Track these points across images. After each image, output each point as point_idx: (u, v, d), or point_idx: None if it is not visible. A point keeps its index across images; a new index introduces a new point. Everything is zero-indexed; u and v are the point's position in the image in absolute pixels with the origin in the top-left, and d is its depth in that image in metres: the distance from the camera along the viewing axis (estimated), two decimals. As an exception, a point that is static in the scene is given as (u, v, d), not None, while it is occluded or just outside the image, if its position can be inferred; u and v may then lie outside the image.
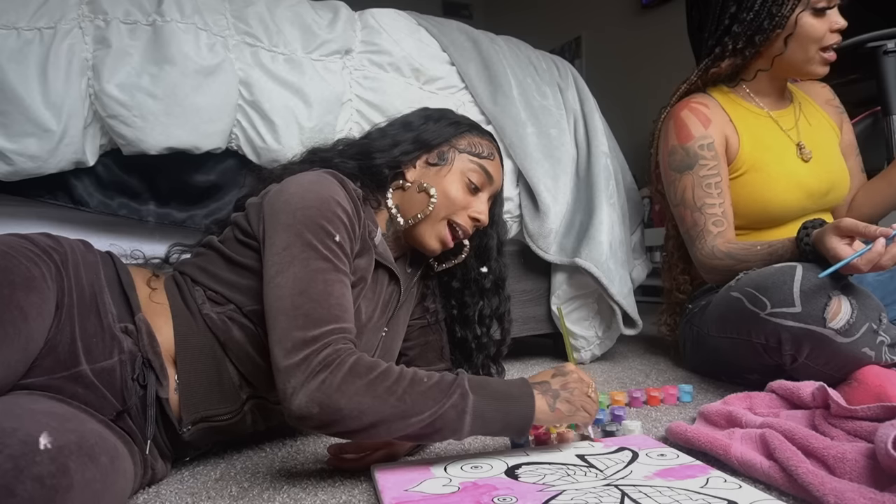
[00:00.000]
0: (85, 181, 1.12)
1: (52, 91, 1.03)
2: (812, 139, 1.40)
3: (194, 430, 0.81)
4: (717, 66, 1.39)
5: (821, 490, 0.64)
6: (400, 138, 1.00)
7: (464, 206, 0.98)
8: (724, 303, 1.21)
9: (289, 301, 0.73)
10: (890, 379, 0.95)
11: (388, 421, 0.69)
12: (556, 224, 1.47)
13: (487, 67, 1.47)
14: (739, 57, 1.36)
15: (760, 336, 1.10)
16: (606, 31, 4.04)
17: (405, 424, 0.70)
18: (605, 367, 1.54)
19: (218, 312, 0.83)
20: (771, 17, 1.29)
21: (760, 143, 1.37)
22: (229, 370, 0.83)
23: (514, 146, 1.44)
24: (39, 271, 0.71)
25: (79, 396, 0.71)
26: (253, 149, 1.20)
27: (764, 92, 1.42)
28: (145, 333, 0.78)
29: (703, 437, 0.81)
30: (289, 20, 1.26)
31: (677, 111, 1.40)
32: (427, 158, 0.99)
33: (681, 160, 1.36)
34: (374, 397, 0.69)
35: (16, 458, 0.52)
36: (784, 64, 1.34)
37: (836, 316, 1.00)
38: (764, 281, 1.09)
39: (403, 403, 0.69)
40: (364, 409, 0.69)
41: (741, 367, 1.22)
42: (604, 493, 0.67)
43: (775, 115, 1.41)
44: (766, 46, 1.33)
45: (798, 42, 1.30)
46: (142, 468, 0.75)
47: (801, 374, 1.09)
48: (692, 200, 1.33)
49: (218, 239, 0.90)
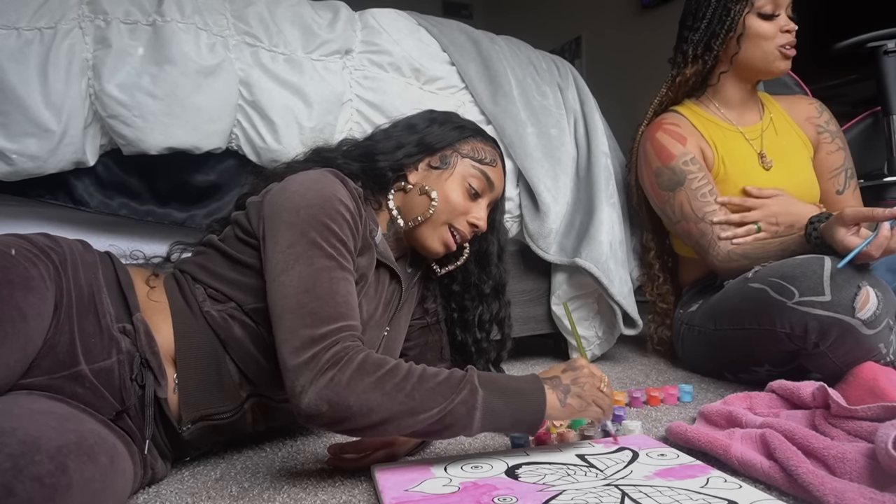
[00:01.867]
0: (85, 181, 1.12)
1: (53, 91, 1.03)
2: (775, 149, 1.44)
3: (194, 429, 0.81)
4: (683, 74, 1.46)
5: (821, 490, 0.65)
6: (404, 141, 0.99)
7: (463, 212, 0.98)
8: (740, 295, 1.22)
9: (294, 300, 0.73)
10: (884, 374, 0.96)
11: (397, 418, 0.69)
12: (557, 224, 1.47)
13: (488, 67, 1.47)
14: (700, 62, 1.44)
15: (786, 325, 1.10)
16: (606, 31, 4.04)
17: (414, 421, 0.70)
18: (605, 367, 1.54)
19: (218, 310, 0.82)
20: (721, 22, 1.38)
21: (728, 155, 1.42)
22: (229, 368, 0.83)
23: (514, 146, 1.44)
24: (38, 271, 0.71)
25: (78, 396, 0.71)
26: (253, 149, 1.20)
27: (731, 101, 1.47)
28: (143, 333, 0.77)
29: (703, 437, 0.81)
30: (289, 20, 1.26)
31: (651, 134, 1.46)
32: (429, 161, 0.99)
33: (669, 179, 1.40)
34: (383, 394, 0.69)
35: (15, 458, 0.52)
36: (744, 63, 1.41)
37: (865, 306, 1.01)
38: (792, 271, 1.09)
39: (412, 400, 0.69)
40: (373, 406, 0.69)
41: (751, 359, 1.23)
42: (604, 493, 0.67)
43: (742, 129, 1.46)
44: (723, 50, 1.41)
45: (751, 42, 1.37)
46: (141, 468, 0.75)
47: (814, 364, 1.12)
48: (692, 213, 1.36)
49: (218, 237, 0.90)
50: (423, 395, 0.70)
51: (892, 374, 0.96)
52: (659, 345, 1.59)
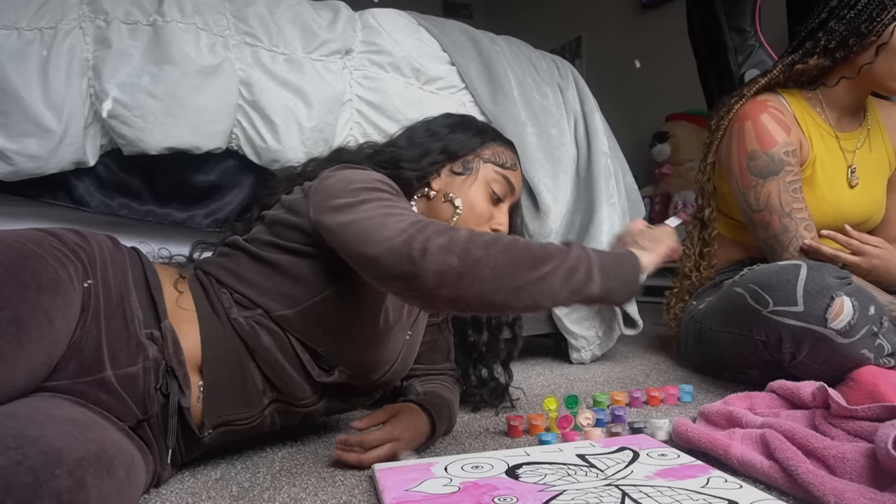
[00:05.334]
0: (85, 181, 1.12)
1: (53, 91, 1.03)
2: (865, 166, 1.37)
3: (214, 434, 0.80)
4: (805, 62, 1.33)
5: (821, 490, 0.65)
6: (429, 148, 0.98)
7: (488, 219, 0.97)
8: (727, 298, 1.22)
9: (371, 221, 0.72)
10: (885, 377, 0.96)
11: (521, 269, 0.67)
12: (557, 224, 1.47)
13: (488, 67, 1.47)
14: (829, 58, 1.30)
15: (761, 333, 1.11)
16: (606, 31, 4.04)
17: (541, 274, 0.67)
18: (605, 367, 1.54)
19: (246, 317, 0.80)
20: (870, 20, 1.24)
21: (821, 158, 1.34)
22: (254, 375, 0.81)
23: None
24: (67, 273, 0.69)
25: (101, 402, 0.69)
26: (253, 149, 1.20)
27: (838, 104, 1.36)
28: (171, 342, 0.76)
29: (703, 437, 0.81)
30: (289, 20, 1.26)
31: (754, 114, 1.32)
32: (452, 167, 0.98)
33: (764, 165, 1.30)
34: (500, 250, 0.67)
35: (36, 472, 0.51)
36: (869, 75, 1.29)
37: (838, 317, 1.00)
38: (768, 279, 1.09)
39: (531, 252, 0.68)
40: (498, 261, 0.66)
41: (741, 362, 1.23)
42: (604, 493, 0.67)
43: (840, 135, 1.37)
44: (857, 52, 1.27)
45: (889, 54, 1.24)
46: (152, 475, 0.75)
47: (800, 372, 1.10)
48: (779, 206, 1.29)
49: (244, 238, 0.87)
50: (535, 250, 0.69)
51: (894, 377, 0.96)
52: (673, 320, 1.55)
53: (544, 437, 0.91)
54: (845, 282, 1.04)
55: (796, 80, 1.39)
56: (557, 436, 0.92)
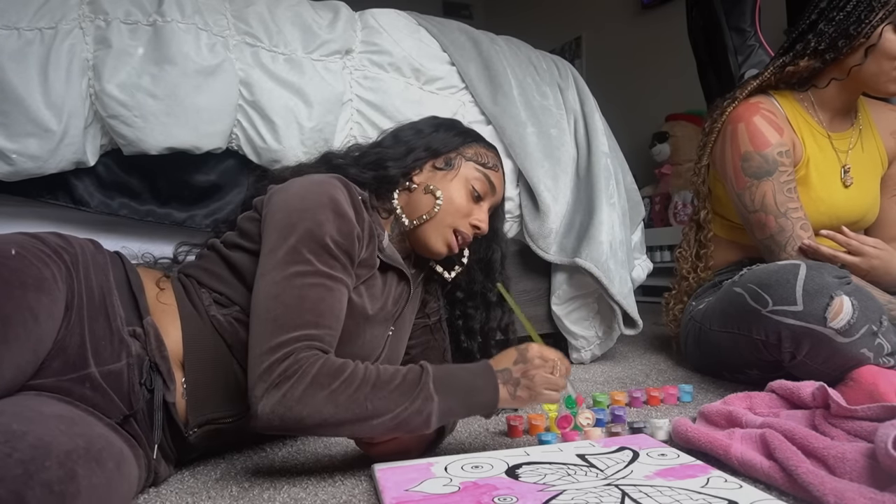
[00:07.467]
0: (85, 181, 1.12)
1: (53, 91, 1.03)
2: (859, 167, 1.37)
3: (200, 433, 0.81)
4: (796, 64, 1.34)
5: (821, 490, 0.65)
6: (413, 145, 1.02)
7: (466, 214, 1.00)
8: (727, 298, 1.22)
9: (262, 305, 0.75)
10: (884, 377, 0.96)
11: (350, 423, 0.72)
12: (557, 224, 1.47)
13: (488, 67, 1.47)
14: (819, 60, 1.31)
15: (761, 332, 1.11)
16: (606, 31, 4.04)
17: (369, 426, 0.73)
18: (605, 367, 1.54)
19: (224, 314, 0.83)
20: (858, 22, 1.24)
21: (814, 159, 1.35)
22: (236, 372, 0.83)
23: (514, 146, 1.44)
24: (50, 272, 0.70)
25: (87, 399, 0.70)
26: (253, 149, 1.20)
27: (829, 105, 1.37)
28: (153, 337, 0.77)
29: (703, 436, 0.81)
30: (289, 20, 1.26)
31: (747, 115, 1.33)
32: (434, 163, 1.02)
33: (758, 166, 1.31)
34: (337, 406, 0.71)
35: (26, 464, 0.52)
36: (859, 76, 1.29)
37: (837, 316, 1.00)
38: (767, 278, 1.10)
39: (365, 410, 0.72)
40: (326, 417, 0.71)
41: (741, 362, 1.23)
42: (604, 493, 0.67)
43: (833, 136, 1.37)
44: (847, 54, 1.28)
45: (877, 56, 1.25)
46: (146, 471, 0.75)
47: (799, 372, 1.10)
48: (775, 206, 1.29)
49: (220, 241, 0.91)
50: (376, 404, 0.72)
51: (893, 377, 0.96)
52: (673, 321, 1.56)
53: (544, 437, 0.91)
54: (844, 281, 1.04)
55: (787, 82, 1.40)
56: (557, 436, 0.93)
